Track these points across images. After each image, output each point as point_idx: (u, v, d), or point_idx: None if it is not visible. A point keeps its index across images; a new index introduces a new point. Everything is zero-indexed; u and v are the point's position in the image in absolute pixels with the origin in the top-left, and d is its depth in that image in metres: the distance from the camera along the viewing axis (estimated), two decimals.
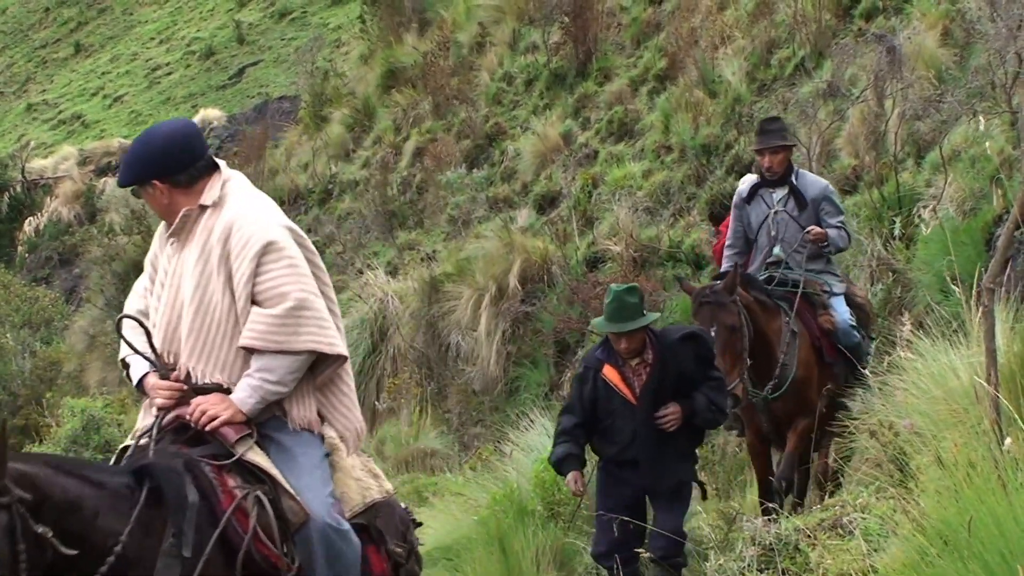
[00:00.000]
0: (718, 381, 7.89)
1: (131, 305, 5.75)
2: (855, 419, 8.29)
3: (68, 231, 33.79)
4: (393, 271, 20.36)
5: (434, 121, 24.54)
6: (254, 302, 5.34)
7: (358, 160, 25.81)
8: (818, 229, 9.51)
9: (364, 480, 5.67)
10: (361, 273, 20.17)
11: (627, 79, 21.59)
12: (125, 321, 5.53)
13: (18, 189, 36.35)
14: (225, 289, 5.39)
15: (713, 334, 8.40)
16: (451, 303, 18.02)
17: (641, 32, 22.50)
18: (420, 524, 6.04)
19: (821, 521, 7.72)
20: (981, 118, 12.58)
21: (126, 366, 5.63)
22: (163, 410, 5.41)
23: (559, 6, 23.33)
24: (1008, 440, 4.90)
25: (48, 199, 36.24)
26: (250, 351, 5.34)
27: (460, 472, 13.85)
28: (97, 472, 5.04)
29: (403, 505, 5.96)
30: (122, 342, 5.58)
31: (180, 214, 5.45)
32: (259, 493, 5.18)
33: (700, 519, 8.60)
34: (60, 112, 43.81)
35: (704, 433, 8.29)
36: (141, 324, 5.48)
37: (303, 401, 5.47)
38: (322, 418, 5.56)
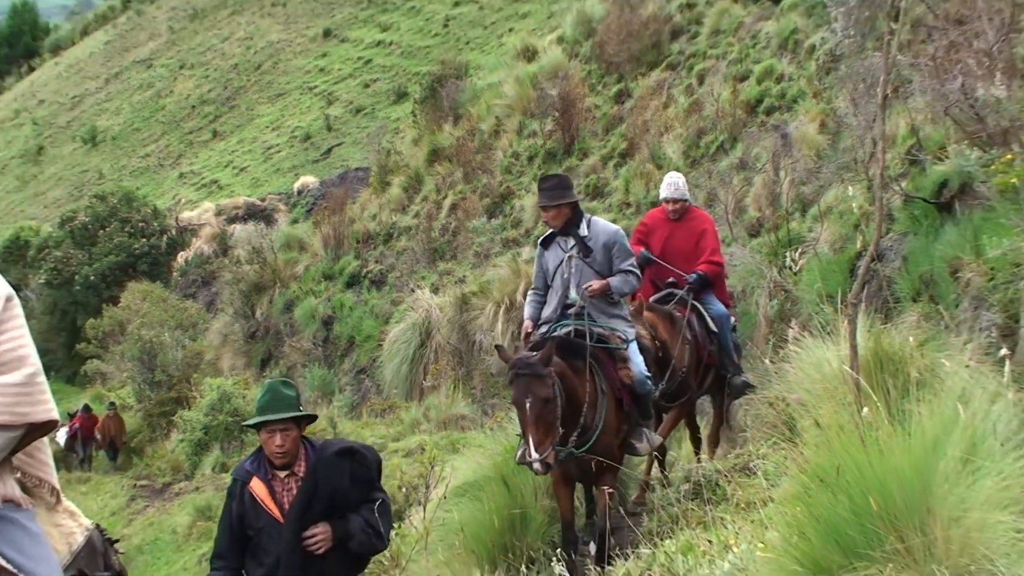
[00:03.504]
0: (379, 503, 5.32)
1: None
2: (758, 393, 8.25)
3: (207, 262, 33.77)
4: (435, 290, 20.36)
5: (464, 185, 24.58)
6: None
7: (411, 212, 25.81)
8: (596, 284, 7.18)
9: (65, 524, 3.84)
10: (413, 291, 20.15)
11: (599, 156, 21.64)
12: None
13: (173, 232, 36.41)
14: None
15: (528, 405, 6.37)
16: (476, 312, 18.03)
17: (609, 123, 22.56)
18: (117, 541, 4.28)
19: (734, 465, 7.72)
20: (847, 184, 12.59)
21: None
22: None
23: (552, 104, 23.40)
24: (865, 410, 4.91)
25: (194, 239, 36.28)
26: None
27: (482, 430, 13.84)
28: None
29: (99, 528, 4.10)
30: None
31: None
32: None
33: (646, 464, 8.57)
34: (202, 179, 43.89)
35: (366, 561, 5.49)
36: None
37: (2, 476, 3.41)
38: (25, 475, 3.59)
